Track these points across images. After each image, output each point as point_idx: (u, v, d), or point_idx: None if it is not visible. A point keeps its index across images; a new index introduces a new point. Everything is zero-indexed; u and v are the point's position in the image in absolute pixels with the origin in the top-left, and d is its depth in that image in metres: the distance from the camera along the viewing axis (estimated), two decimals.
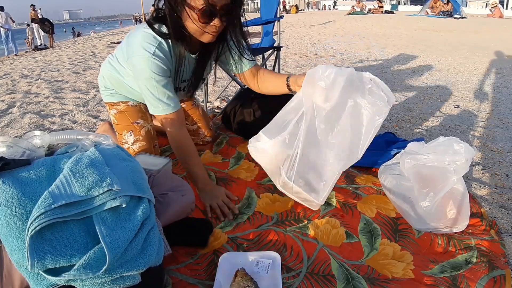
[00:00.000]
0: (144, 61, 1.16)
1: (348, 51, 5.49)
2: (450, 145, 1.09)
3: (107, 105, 1.56)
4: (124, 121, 1.50)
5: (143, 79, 1.19)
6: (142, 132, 1.49)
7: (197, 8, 1.07)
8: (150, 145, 1.51)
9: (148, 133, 1.51)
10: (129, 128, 1.49)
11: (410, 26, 9.45)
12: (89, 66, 4.80)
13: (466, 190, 1.11)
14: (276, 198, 1.33)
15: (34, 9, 10.63)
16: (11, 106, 2.84)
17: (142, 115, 1.52)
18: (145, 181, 0.84)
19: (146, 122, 1.53)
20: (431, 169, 1.09)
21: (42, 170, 0.71)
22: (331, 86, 1.03)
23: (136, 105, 1.53)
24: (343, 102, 1.06)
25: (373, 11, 16.55)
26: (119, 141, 1.53)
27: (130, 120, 1.50)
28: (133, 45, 1.20)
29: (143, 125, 1.51)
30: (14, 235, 0.65)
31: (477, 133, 2.05)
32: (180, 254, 1.03)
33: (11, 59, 7.02)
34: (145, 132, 1.50)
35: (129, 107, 1.51)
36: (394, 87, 3.15)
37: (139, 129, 1.49)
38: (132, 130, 1.49)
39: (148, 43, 1.16)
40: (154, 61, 1.15)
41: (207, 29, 1.12)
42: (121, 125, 1.51)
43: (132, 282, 0.71)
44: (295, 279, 0.95)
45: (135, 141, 1.48)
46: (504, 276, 0.95)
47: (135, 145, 1.48)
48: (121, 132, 1.51)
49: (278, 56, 2.41)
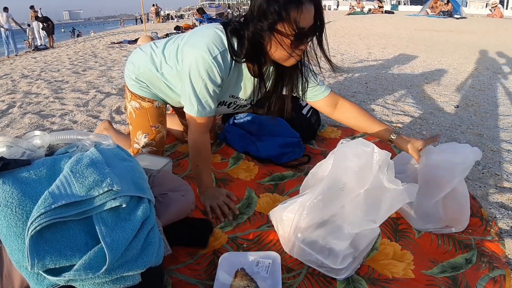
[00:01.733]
0: (202, 60, 1.10)
1: (348, 51, 5.49)
2: (458, 147, 1.09)
3: (130, 94, 1.44)
4: (143, 121, 1.43)
5: (192, 75, 1.14)
6: (157, 138, 1.45)
7: (290, 34, 1.02)
8: (159, 151, 1.48)
9: (162, 139, 1.48)
10: (146, 130, 1.44)
11: (410, 26, 9.45)
12: (89, 66, 4.80)
13: (467, 190, 1.11)
14: (276, 198, 1.33)
15: (34, 10, 10.63)
16: (11, 106, 2.84)
17: (162, 120, 1.47)
18: (145, 181, 0.84)
19: (163, 127, 1.48)
20: (439, 170, 1.08)
21: (42, 170, 0.71)
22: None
23: (160, 107, 1.46)
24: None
25: (373, 11, 16.55)
26: (131, 135, 1.48)
27: (149, 121, 1.44)
28: (198, 39, 1.14)
29: (160, 130, 1.46)
30: (14, 235, 0.65)
31: (477, 133, 2.05)
32: (180, 254, 1.03)
33: (11, 59, 7.02)
34: (160, 138, 1.46)
35: (153, 108, 1.43)
36: (394, 87, 3.15)
37: (155, 134, 1.45)
38: (148, 133, 1.44)
39: (215, 45, 1.10)
40: (212, 65, 1.11)
41: (294, 53, 1.09)
42: (138, 123, 1.45)
43: (132, 282, 0.71)
44: (295, 279, 0.95)
45: (147, 145, 1.44)
46: (504, 276, 0.95)
47: (145, 148, 1.44)
48: (136, 131, 1.45)
49: None
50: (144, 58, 1.35)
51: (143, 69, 1.36)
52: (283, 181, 1.46)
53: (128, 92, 1.45)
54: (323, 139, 1.91)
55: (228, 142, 1.77)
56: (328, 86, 1.34)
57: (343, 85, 3.23)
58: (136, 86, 1.41)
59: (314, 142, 1.86)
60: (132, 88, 1.42)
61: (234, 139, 1.75)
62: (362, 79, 3.50)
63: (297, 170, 1.55)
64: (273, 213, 1.07)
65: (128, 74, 1.42)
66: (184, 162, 1.63)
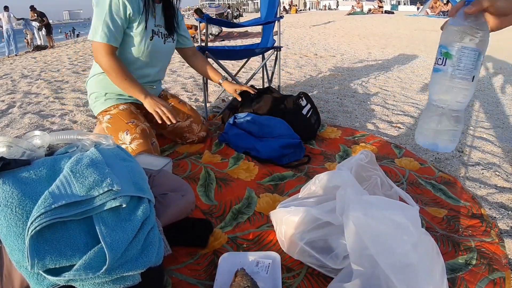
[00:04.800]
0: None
1: (348, 51, 5.49)
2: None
3: (100, 115, 1.61)
4: (119, 123, 1.53)
5: (100, 6, 1.37)
6: (138, 130, 1.51)
7: None
8: (148, 142, 1.50)
9: (144, 131, 1.52)
10: (124, 128, 1.50)
11: (410, 26, 9.46)
12: (89, 66, 4.80)
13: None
14: (276, 198, 1.33)
15: (34, 10, 10.61)
16: (11, 106, 2.84)
17: (134, 116, 1.57)
18: (145, 181, 0.84)
19: (140, 121, 1.55)
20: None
21: (42, 170, 0.71)
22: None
23: (126, 109, 1.59)
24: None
25: (373, 11, 16.56)
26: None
27: (124, 121, 1.53)
28: None
29: (138, 124, 1.53)
30: (14, 235, 0.65)
31: (477, 133, 2.05)
32: (180, 254, 1.03)
33: (11, 59, 7.02)
34: (141, 130, 1.52)
35: (120, 111, 1.57)
36: (394, 87, 3.15)
37: (134, 127, 1.51)
38: (127, 129, 1.50)
39: None
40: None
41: None
42: (116, 127, 1.52)
43: (132, 282, 0.71)
44: (295, 279, 0.95)
45: (132, 140, 1.48)
46: (504, 278, 0.95)
47: (133, 143, 1.47)
48: (116, 134, 1.51)
49: (278, 56, 2.41)
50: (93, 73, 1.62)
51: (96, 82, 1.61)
52: (283, 181, 1.46)
53: (98, 116, 1.64)
54: (323, 139, 1.91)
55: (228, 142, 1.77)
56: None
57: (343, 85, 3.23)
58: (100, 103, 1.61)
59: (314, 142, 1.86)
60: (98, 108, 1.62)
61: (234, 139, 1.75)
62: (362, 79, 3.51)
63: (297, 170, 1.55)
64: (274, 214, 1.07)
65: (91, 102, 1.66)
66: (184, 163, 1.63)
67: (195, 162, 1.62)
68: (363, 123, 2.21)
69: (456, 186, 1.43)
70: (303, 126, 1.83)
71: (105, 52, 1.41)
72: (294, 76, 3.67)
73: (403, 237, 0.76)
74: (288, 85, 3.29)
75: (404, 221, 0.77)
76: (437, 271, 0.77)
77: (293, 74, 3.77)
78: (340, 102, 2.70)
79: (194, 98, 2.90)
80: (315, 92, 3.03)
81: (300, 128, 1.78)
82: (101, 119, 1.59)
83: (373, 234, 0.77)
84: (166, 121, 1.48)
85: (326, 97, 2.85)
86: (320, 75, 3.75)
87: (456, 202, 1.31)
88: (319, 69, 4.05)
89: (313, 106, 1.95)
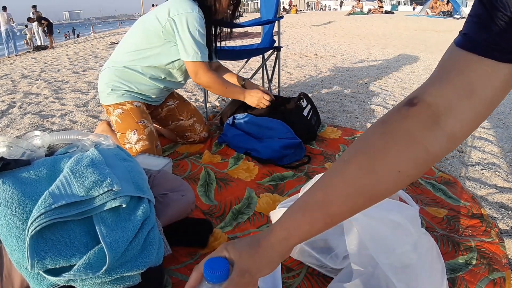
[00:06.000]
0: (192, 17, 1.45)
1: (348, 51, 5.49)
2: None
3: (111, 107, 1.57)
4: (129, 120, 1.53)
5: (190, 29, 1.46)
6: (146, 132, 1.52)
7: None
8: (153, 145, 1.53)
9: (151, 133, 1.54)
10: (134, 127, 1.51)
11: (410, 26, 9.45)
12: (89, 66, 4.80)
13: None
14: (276, 198, 1.33)
15: (36, 10, 10.61)
16: (11, 106, 2.84)
17: (145, 116, 1.57)
18: (145, 181, 0.84)
19: (149, 123, 1.56)
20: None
21: (42, 171, 0.71)
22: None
23: (139, 106, 1.58)
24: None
25: (373, 11, 16.55)
26: (121, 141, 1.54)
27: (134, 119, 1.53)
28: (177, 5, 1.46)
29: (147, 125, 1.54)
30: (14, 235, 0.65)
31: (477, 133, 2.05)
32: (180, 254, 1.03)
33: (11, 59, 7.02)
34: (148, 132, 1.53)
35: (134, 108, 1.55)
36: (394, 88, 3.15)
37: (143, 128, 1.52)
38: (136, 129, 1.51)
39: (189, 5, 1.46)
40: (199, 18, 1.47)
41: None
42: (125, 125, 1.53)
43: (132, 282, 0.71)
44: (295, 279, 0.95)
45: (138, 140, 1.50)
46: (504, 278, 0.95)
47: (138, 144, 1.50)
48: (124, 132, 1.52)
49: (278, 57, 2.41)
50: (114, 67, 1.58)
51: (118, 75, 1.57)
52: (283, 181, 1.46)
53: (109, 107, 1.59)
54: (323, 140, 1.91)
55: (228, 143, 1.77)
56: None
57: (343, 85, 3.23)
58: (114, 97, 1.56)
59: (314, 143, 1.86)
60: (113, 101, 1.57)
61: (234, 140, 1.75)
62: (362, 79, 3.50)
63: (297, 170, 1.55)
64: (274, 214, 1.07)
65: (105, 91, 1.58)
66: (184, 163, 1.63)
67: (195, 162, 1.63)
68: (363, 123, 2.21)
69: (456, 186, 1.43)
70: (304, 128, 1.82)
71: (204, 70, 1.53)
72: (294, 76, 3.67)
73: (403, 237, 0.76)
74: (288, 85, 3.29)
75: (404, 221, 0.77)
76: (437, 271, 0.77)
77: (293, 74, 3.77)
78: (340, 102, 2.70)
79: (194, 98, 2.90)
80: (315, 92, 3.03)
81: (301, 130, 1.78)
82: (111, 111, 1.57)
83: (373, 234, 0.77)
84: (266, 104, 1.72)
85: (326, 97, 2.85)
86: (320, 75, 3.75)
87: (456, 202, 1.31)
88: (319, 69, 4.05)
89: (313, 106, 1.95)
